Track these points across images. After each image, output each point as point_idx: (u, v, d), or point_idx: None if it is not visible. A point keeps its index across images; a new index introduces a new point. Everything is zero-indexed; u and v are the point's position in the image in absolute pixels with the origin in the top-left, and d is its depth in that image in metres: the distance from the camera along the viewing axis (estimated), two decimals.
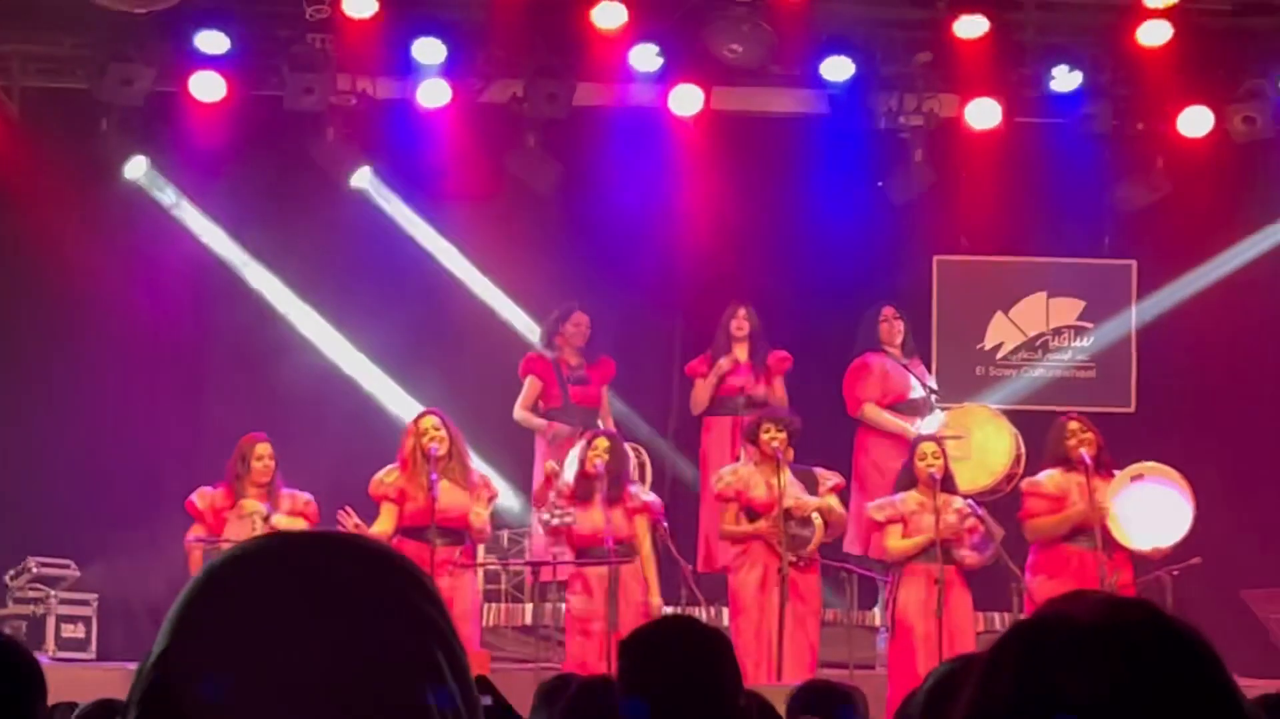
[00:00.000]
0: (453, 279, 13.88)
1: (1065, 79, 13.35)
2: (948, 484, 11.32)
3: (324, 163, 13.39)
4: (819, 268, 13.54)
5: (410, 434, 11.32)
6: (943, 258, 14.37)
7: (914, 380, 12.98)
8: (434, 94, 13.17)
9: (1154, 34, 13.14)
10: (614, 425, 12.74)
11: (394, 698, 1.44)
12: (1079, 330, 14.29)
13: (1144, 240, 14.12)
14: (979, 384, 14.03)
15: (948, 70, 13.49)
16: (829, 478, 11.60)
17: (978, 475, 12.31)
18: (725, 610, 11.75)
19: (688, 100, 13.34)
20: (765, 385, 12.86)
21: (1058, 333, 14.31)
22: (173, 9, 12.34)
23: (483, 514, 11.28)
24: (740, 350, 12.93)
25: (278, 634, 1.43)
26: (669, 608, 11.38)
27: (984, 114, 13.44)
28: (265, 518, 11.15)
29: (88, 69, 13.00)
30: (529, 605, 12.80)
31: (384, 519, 11.19)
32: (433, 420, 11.26)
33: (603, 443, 11.42)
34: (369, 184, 13.66)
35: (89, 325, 13.36)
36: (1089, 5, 13.64)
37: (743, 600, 11.37)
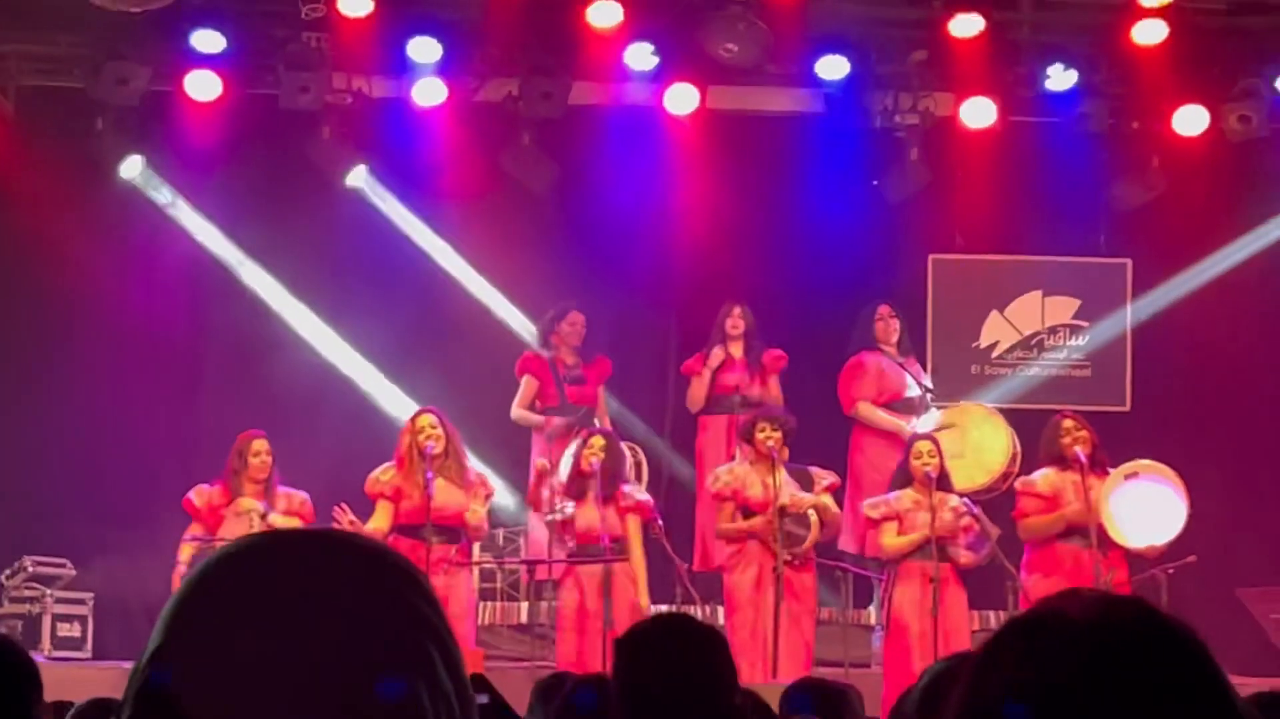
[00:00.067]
0: (448, 278, 13.88)
1: (1060, 78, 13.35)
2: (943, 483, 11.32)
3: (319, 161, 13.39)
4: (814, 266, 13.55)
5: (407, 432, 11.32)
6: (938, 256, 14.38)
7: (909, 379, 12.97)
8: (429, 93, 13.17)
9: (1149, 33, 13.14)
10: (610, 424, 12.74)
11: (389, 696, 1.44)
12: (1074, 329, 14.30)
13: (1139, 239, 14.12)
14: (974, 383, 14.03)
15: (943, 69, 13.49)
16: (824, 477, 11.59)
17: (974, 474, 12.31)
18: (720, 609, 11.76)
19: (683, 99, 13.33)
20: (760, 384, 12.86)
21: (1053, 331, 14.31)
22: (168, 8, 12.33)
23: (479, 512, 11.28)
24: (735, 349, 12.92)
25: (272, 632, 1.43)
26: (665, 606, 11.36)
27: (979, 113, 13.44)
28: (262, 516, 11.16)
29: (83, 68, 12.99)
30: (524, 604, 12.81)
31: (379, 517, 11.19)
32: (429, 419, 11.26)
33: (598, 441, 11.41)
34: (364, 183, 13.66)
35: (84, 324, 13.35)
36: (1084, 4, 13.64)
37: (738, 599, 11.37)
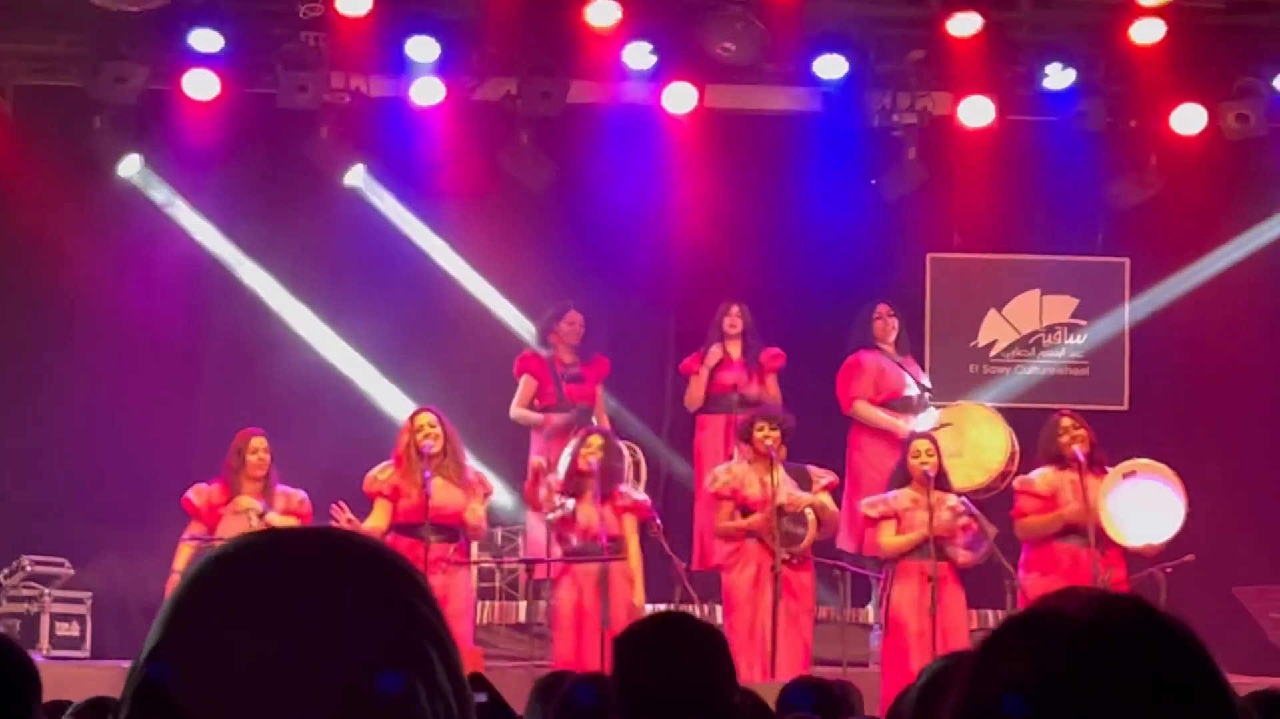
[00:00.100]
0: (446, 277, 13.87)
1: (1058, 77, 13.35)
2: (941, 482, 11.33)
3: (317, 161, 13.39)
4: (812, 265, 13.55)
5: (405, 431, 11.32)
6: (936, 255, 14.38)
7: (908, 378, 12.97)
8: (427, 92, 13.16)
9: (1147, 32, 13.14)
10: (608, 423, 12.74)
11: (387, 695, 1.44)
12: (1072, 328, 14.30)
13: (1137, 238, 14.12)
14: (972, 382, 14.03)
15: (941, 68, 13.49)
16: (822, 476, 11.59)
17: (973, 473, 12.31)
18: (719, 608, 11.76)
19: (681, 98, 13.33)
20: (758, 383, 12.86)
21: (1051, 330, 14.31)
22: (166, 7, 12.33)
23: (478, 511, 11.29)
24: (733, 348, 12.92)
25: (270, 630, 1.44)
26: (663, 605, 11.36)
27: (977, 112, 13.44)
28: (261, 514, 11.16)
29: (81, 67, 12.99)
30: (523, 603, 12.81)
31: (377, 515, 11.19)
32: (428, 418, 11.26)
33: (596, 440, 11.40)
34: (362, 182, 13.66)
35: (83, 323, 13.35)
36: (1083, 3, 13.63)
37: (736, 598, 11.36)
